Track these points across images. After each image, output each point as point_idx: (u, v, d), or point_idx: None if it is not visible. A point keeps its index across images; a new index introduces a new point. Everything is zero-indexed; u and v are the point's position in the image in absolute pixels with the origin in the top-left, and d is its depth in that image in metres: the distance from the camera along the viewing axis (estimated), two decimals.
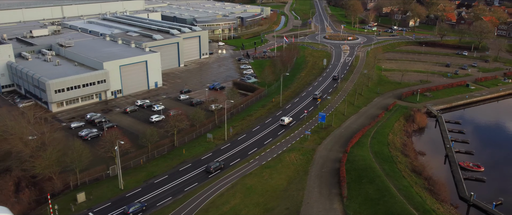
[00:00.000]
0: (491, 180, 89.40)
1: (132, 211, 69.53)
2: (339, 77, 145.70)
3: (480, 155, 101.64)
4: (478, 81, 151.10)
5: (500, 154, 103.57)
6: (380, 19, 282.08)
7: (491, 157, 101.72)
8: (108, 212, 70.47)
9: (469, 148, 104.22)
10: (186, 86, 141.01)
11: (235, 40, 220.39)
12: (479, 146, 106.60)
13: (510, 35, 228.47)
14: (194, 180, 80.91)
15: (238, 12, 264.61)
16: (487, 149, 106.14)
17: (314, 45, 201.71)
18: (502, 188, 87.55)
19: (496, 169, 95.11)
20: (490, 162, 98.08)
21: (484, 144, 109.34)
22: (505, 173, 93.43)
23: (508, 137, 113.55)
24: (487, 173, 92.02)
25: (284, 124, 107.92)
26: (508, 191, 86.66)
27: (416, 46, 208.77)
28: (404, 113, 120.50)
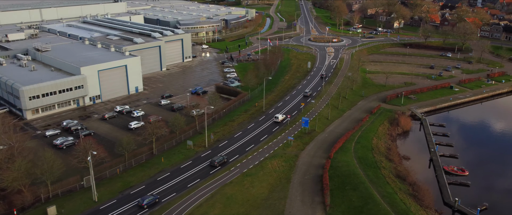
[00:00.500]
0: (475, 184, 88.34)
1: (146, 203, 72.19)
2: (327, 76, 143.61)
3: (464, 158, 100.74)
4: (462, 83, 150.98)
5: (484, 157, 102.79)
6: (365, 21, 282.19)
7: (475, 160, 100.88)
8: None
9: (454, 152, 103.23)
10: (168, 91, 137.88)
11: (220, 43, 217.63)
12: (463, 149, 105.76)
13: (493, 36, 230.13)
14: (172, 190, 77.97)
15: (222, 15, 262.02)
16: (471, 152, 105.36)
17: (299, 48, 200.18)
18: (486, 193, 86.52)
19: (480, 172, 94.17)
20: (474, 165, 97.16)
21: (468, 147, 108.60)
22: (489, 177, 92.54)
23: (491, 139, 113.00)
24: (471, 177, 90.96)
25: (278, 121, 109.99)
26: (492, 196, 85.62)
27: (400, 48, 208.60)
28: (388, 116, 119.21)
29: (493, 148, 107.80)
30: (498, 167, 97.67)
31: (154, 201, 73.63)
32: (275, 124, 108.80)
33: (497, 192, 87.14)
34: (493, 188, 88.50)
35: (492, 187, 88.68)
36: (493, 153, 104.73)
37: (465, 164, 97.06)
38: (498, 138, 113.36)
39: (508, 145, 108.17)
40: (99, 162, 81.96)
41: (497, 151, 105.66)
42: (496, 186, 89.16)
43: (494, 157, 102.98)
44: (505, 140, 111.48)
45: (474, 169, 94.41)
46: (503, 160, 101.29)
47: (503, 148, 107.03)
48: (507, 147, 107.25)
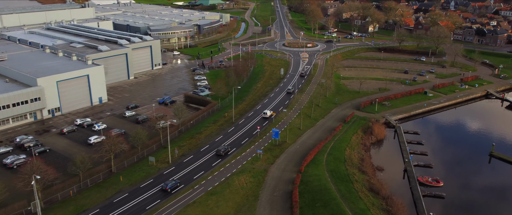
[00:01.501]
0: (450, 196, 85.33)
1: (169, 187, 78.35)
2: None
3: (439, 167, 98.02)
4: (436, 88, 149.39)
5: (458, 165, 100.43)
6: (340, 25, 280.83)
7: (450, 169, 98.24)
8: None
9: (428, 161, 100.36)
10: (134, 101, 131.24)
11: (192, 49, 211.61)
12: (437, 158, 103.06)
13: (466, 39, 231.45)
14: (129, 213, 71.90)
15: (195, 20, 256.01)
16: (445, 161, 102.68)
17: (273, 53, 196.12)
18: (461, 204, 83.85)
19: (455, 183, 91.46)
20: (449, 175, 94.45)
21: (443, 155, 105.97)
22: (463, 187, 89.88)
23: (465, 146, 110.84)
24: (446, 188, 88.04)
25: (266, 116, 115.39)
26: (467, 208, 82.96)
27: (375, 52, 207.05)
28: (362, 125, 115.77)
29: (467, 155, 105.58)
30: (472, 176, 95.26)
31: (176, 185, 79.71)
32: (244, 135, 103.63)
33: (471, 203, 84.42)
34: (468, 199, 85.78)
35: (467, 198, 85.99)
36: (467, 161, 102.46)
37: (439, 174, 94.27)
38: (472, 145, 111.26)
39: (481, 151, 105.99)
40: (49, 184, 75.12)
41: (471, 159, 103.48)
42: (471, 197, 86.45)
43: (468, 165, 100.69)
44: (478, 146, 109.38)
45: (449, 179, 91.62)
46: (477, 168, 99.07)
47: (476, 155, 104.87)
48: (480, 154, 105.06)
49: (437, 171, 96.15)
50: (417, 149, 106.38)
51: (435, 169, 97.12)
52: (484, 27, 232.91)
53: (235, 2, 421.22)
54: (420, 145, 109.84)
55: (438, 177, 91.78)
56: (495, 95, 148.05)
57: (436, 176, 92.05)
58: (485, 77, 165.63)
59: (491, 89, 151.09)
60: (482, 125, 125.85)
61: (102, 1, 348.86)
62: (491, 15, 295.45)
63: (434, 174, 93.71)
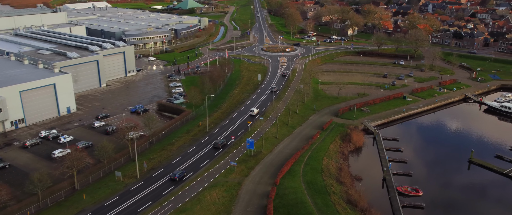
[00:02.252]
0: (429, 206, 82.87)
1: (178, 176, 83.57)
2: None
3: (418, 175, 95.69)
4: (415, 92, 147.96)
5: (437, 173, 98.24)
6: (320, 29, 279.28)
7: (429, 177, 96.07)
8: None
9: (407, 169, 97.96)
10: (104, 111, 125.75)
11: (168, 54, 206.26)
12: (416, 166, 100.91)
13: (443, 42, 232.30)
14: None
15: (172, 24, 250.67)
16: (424, 168, 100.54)
17: (251, 58, 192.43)
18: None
19: (434, 191, 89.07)
20: (428, 184, 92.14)
21: (422, 162, 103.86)
22: (442, 197, 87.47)
23: (444, 153, 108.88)
24: (425, 198, 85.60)
25: (253, 114, 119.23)
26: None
27: (354, 56, 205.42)
28: (340, 132, 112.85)
29: (446, 162, 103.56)
30: (452, 184, 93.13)
31: (183, 174, 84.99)
32: (213, 149, 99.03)
33: (450, 214, 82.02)
34: (447, 208, 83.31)
35: (446, 208, 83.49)
36: (446, 168, 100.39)
37: (419, 182, 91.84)
38: (451, 151, 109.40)
39: (460, 157, 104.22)
40: (2, 205, 69.48)
41: (450, 166, 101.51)
42: (450, 206, 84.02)
43: (447, 172, 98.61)
44: (457, 152, 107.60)
45: (428, 188, 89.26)
46: (456, 176, 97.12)
47: (456, 162, 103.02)
48: (459, 160, 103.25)
49: (416, 179, 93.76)
50: (396, 157, 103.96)
51: (414, 177, 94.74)
52: (461, 30, 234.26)
53: (215, 6, 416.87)
54: (399, 152, 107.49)
55: (417, 186, 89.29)
56: (473, 99, 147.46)
57: (415, 185, 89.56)
58: (463, 80, 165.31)
59: (469, 93, 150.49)
60: (461, 130, 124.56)
61: (77, 5, 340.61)
62: (468, 18, 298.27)
63: (413, 183, 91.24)
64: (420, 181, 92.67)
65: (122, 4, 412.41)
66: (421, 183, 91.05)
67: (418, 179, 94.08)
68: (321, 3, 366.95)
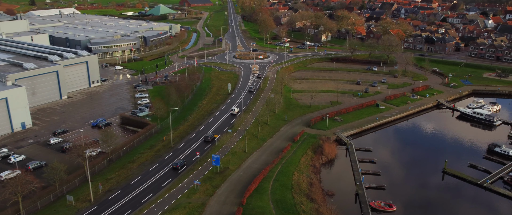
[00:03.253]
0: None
1: (179, 165, 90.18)
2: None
3: (392, 189, 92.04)
4: (388, 99, 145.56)
5: (410, 185, 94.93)
6: (293, 35, 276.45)
7: (402, 190, 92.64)
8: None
9: (380, 182, 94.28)
10: (63, 125, 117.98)
11: (137, 63, 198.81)
12: (390, 178, 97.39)
13: (416, 47, 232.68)
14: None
15: (142, 31, 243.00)
16: (398, 181, 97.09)
17: (222, 66, 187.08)
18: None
19: (408, 206, 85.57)
20: (402, 197, 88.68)
21: (395, 174, 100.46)
22: (416, 212, 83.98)
23: (418, 163, 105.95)
24: (398, 213, 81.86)
25: (234, 113, 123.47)
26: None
27: (327, 62, 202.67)
28: (312, 144, 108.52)
29: (420, 173, 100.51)
30: (426, 197, 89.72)
31: (183, 163, 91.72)
32: (174, 169, 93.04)
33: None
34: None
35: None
36: (420, 180, 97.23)
37: (392, 196, 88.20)
38: (425, 161, 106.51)
39: (434, 168, 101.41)
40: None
41: (424, 177, 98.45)
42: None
43: (421, 184, 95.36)
44: (431, 162, 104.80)
45: (402, 202, 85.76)
46: (430, 188, 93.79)
47: (429, 173, 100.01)
48: (433, 171, 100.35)
49: (390, 192, 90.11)
50: (369, 169, 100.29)
51: (388, 190, 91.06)
52: (433, 35, 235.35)
53: (188, 12, 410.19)
54: (372, 163, 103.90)
55: (391, 200, 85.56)
56: (446, 105, 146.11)
57: (389, 199, 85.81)
58: (435, 86, 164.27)
59: (441, 99, 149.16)
60: (434, 138, 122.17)
61: (44, 12, 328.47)
62: (439, 23, 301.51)
63: (386, 197, 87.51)
64: (394, 195, 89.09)
65: (92, 11, 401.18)
66: (394, 197, 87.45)
67: (391, 192, 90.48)
68: (295, 8, 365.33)
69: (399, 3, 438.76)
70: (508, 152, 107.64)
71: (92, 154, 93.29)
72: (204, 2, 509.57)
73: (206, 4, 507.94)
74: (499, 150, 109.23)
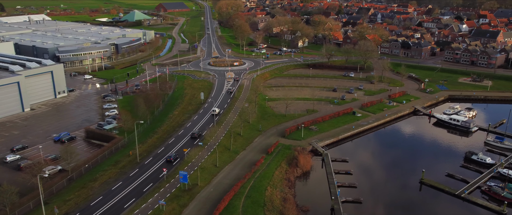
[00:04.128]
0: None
1: (173, 157, 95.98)
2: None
3: (368, 202, 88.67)
4: (364, 107, 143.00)
5: (387, 198, 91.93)
6: (270, 40, 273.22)
7: (379, 204, 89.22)
8: None
9: (357, 195, 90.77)
10: (23, 141, 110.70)
11: (107, 71, 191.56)
12: (367, 190, 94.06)
13: (392, 52, 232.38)
14: None
15: (114, 38, 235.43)
16: (374, 193, 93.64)
17: (196, 74, 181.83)
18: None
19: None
20: (379, 211, 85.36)
21: (372, 186, 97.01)
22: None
23: (395, 174, 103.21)
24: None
25: (215, 113, 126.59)
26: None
27: (304, 69, 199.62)
28: (287, 155, 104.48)
29: (397, 184, 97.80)
30: (403, 209, 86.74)
31: (176, 156, 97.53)
32: (148, 179, 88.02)
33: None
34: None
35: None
36: (397, 191, 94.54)
37: (369, 210, 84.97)
38: (402, 171, 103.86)
39: (411, 178, 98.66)
40: None
41: (401, 188, 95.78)
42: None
43: (398, 196, 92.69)
44: (408, 172, 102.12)
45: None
46: (407, 200, 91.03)
47: (407, 183, 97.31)
48: (411, 182, 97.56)
49: (367, 207, 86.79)
50: (345, 181, 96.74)
51: (365, 204, 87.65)
52: (409, 40, 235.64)
53: (164, 17, 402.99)
54: (348, 175, 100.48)
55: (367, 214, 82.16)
56: (422, 111, 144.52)
57: (365, 213, 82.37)
58: (412, 92, 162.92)
59: (418, 106, 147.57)
60: (411, 146, 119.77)
61: (12, 19, 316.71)
62: (415, 27, 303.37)
63: (363, 211, 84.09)
64: (371, 209, 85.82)
65: (64, 17, 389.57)
66: (372, 211, 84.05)
67: (368, 206, 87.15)
68: (272, 14, 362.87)
69: (376, 8, 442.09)
70: (485, 160, 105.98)
71: (49, 172, 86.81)
72: (180, 8, 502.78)
73: (182, 9, 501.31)
74: (476, 158, 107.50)
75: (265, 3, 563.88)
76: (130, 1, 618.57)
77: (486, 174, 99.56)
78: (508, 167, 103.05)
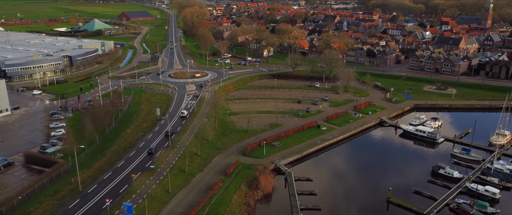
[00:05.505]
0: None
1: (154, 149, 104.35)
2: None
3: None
4: (329, 119, 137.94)
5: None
6: (235, 50, 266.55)
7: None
8: None
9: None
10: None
11: (59, 86, 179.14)
12: (331, 211, 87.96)
13: (358, 61, 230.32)
14: None
15: (69, 49, 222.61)
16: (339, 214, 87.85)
17: (155, 87, 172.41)
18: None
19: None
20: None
21: (337, 207, 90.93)
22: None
23: (361, 192, 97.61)
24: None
25: (183, 115, 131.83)
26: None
27: (269, 79, 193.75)
28: (247, 176, 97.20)
29: (364, 204, 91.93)
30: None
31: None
32: (90, 211, 78.64)
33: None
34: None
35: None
36: (364, 213, 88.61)
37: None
38: (369, 189, 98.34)
39: (378, 197, 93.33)
40: None
41: (368, 209, 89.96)
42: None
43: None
44: (375, 190, 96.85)
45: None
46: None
47: (373, 203, 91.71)
48: (377, 201, 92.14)
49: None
50: (309, 202, 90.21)
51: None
52: (374, 48, 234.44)
53: (126, 26, 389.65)
54: (312, 195, 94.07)
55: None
56: (388, 122, 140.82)
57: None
58: (377, 102, 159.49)
59: (384, 116, 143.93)
60: (377, 161, 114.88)
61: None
62: (380, 35, 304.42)
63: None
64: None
65: (18, 27, 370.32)
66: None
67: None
68: (238, 22, 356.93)
69: (342, 16, 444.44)
70: (452, 174, 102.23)
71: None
72: (145, 16, 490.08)
73: (147, 18, 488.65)
74: (443, 172, 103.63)
75: (232, 11, 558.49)
76: (92, 10, 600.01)
77: (454, 189, 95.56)
78: (475, 181, 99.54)
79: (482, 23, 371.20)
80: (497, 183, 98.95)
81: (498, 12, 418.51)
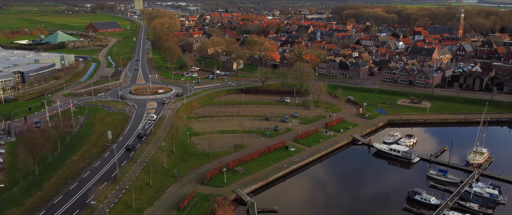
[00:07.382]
0: None
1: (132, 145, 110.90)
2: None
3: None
4: (299, 138, 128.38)
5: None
6: (204, 62, 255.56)
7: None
8: None
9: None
10: None
11: (8, 105, 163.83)
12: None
13: (330, 73, 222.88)
14: None
15: (22, 64, 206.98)
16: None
17: (113, 105, 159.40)
18: None
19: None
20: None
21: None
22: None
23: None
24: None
25: (153, 119, 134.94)
26: None
27: (237, 94, 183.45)
28: (203, 210, 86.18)
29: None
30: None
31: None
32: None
33: None
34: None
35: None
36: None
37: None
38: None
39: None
40: None
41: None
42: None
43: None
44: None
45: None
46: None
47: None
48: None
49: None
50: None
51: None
52: (347, 60, 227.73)
53: (92, 38, 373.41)
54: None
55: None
56: (361, 140, 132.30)
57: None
58: (350, 118, 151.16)
59: (356, 134, 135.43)
60: (350, 186, 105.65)
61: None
62: (353, 45, 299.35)
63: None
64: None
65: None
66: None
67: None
68: (209, 33, 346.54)
69: (315, 26, 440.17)
70: (429, 200, 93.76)
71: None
72: (113, 28, 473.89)
73: (116, 29, 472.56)
74: (419, 198, 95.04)
75: (204, 22, 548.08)
76: (60, 21, 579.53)
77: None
78: (454, 208, 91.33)
79: (454, 33, 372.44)
80: (477, 210, 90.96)
81: (469, 21, 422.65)
